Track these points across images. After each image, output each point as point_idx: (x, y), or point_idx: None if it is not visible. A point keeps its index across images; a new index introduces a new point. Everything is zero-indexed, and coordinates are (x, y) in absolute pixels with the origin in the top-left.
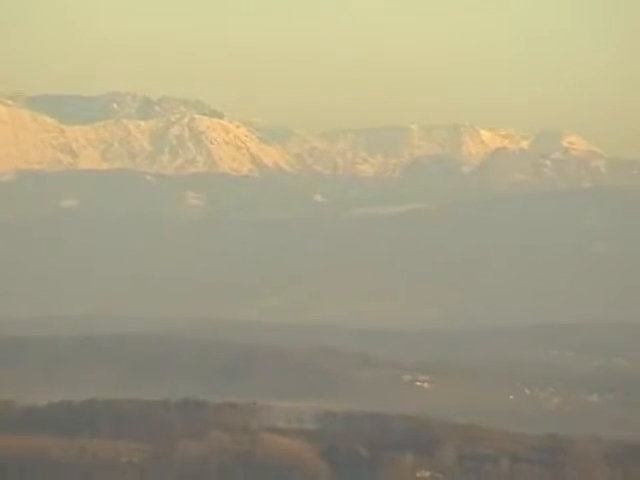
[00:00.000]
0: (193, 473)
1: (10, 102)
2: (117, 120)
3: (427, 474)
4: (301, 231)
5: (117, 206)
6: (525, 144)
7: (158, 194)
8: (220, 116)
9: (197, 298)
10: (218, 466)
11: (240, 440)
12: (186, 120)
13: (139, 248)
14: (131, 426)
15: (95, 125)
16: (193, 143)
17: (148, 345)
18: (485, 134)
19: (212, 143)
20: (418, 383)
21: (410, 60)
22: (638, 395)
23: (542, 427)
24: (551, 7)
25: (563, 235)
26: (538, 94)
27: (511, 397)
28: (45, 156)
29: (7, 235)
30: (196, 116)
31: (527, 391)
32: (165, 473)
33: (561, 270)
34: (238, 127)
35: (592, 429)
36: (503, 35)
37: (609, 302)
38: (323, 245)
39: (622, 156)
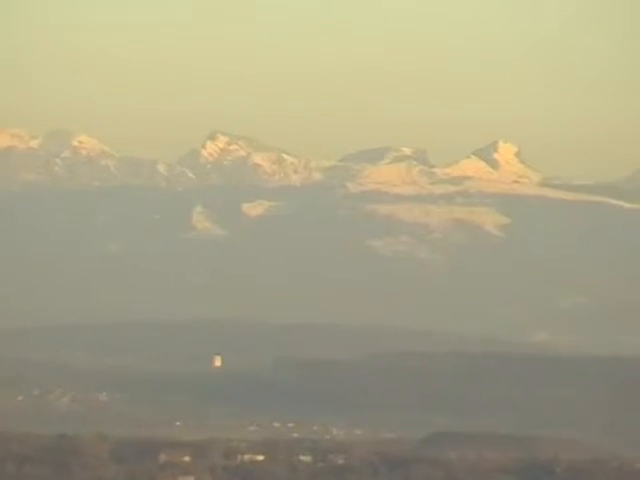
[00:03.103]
0: None
1: None
2: None
3: None
4: None
5: None
6: (34, 143)
7: None
8: None
9: None
10: None
11: None
12: None
13: None
14: None
15: None
16: None
17: None
18: None
19: None
20: None
21: None
22: (144, 393)
23: (51, 427)
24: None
25: (74, 234)
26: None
27: (20, 398)
28: None
29: None
30: None
31: (36, 392)
32: None
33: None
34: None
35: (101, 427)
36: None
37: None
38: None
39: (131, 155)
